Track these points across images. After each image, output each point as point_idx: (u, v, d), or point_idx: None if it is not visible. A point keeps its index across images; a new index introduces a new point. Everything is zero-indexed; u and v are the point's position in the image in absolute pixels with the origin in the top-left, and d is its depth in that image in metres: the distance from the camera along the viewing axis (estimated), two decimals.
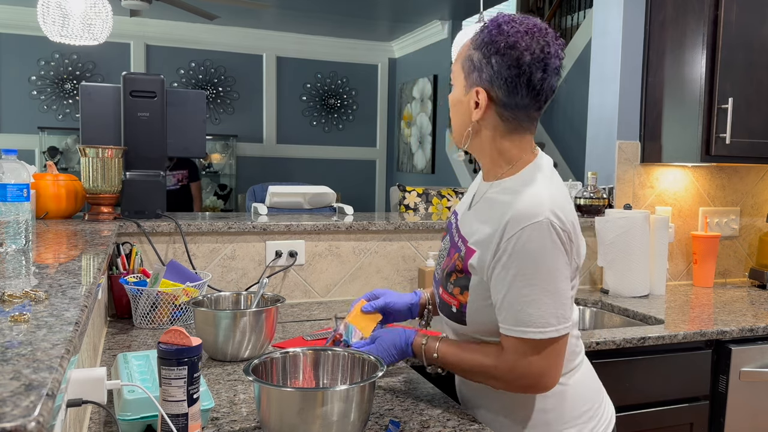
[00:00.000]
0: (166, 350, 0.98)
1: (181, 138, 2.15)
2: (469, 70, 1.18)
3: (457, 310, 1.21)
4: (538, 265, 1.09)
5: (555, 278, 1.10)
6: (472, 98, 1.18)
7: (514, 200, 1.14)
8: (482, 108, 1.17)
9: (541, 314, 1.09)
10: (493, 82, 1.15)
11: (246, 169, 6.98)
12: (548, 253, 1.09)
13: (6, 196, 1.31)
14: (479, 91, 1.17)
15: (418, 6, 5.84)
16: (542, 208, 1.10)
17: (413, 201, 3.20)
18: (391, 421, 1.15)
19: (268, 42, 6.95)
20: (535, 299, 1.09)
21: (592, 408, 1.25)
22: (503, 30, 1.14)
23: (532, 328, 1.09)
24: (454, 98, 1.24)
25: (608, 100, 2.57)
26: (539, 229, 1.09)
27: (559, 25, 6.91)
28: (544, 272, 1.09)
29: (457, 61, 1.22)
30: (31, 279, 1.02)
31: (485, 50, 1.15)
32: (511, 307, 1.11)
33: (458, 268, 1.21)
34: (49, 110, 6.31)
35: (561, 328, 1.10)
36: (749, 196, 2.72)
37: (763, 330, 1.95)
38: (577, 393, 1.23)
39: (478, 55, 1.16)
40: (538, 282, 1.09)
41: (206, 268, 2.05)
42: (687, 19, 2.35)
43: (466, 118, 1.21)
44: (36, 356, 0.63)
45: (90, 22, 2.11)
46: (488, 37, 1.15)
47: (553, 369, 1.13)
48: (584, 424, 1.22)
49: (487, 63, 1.15)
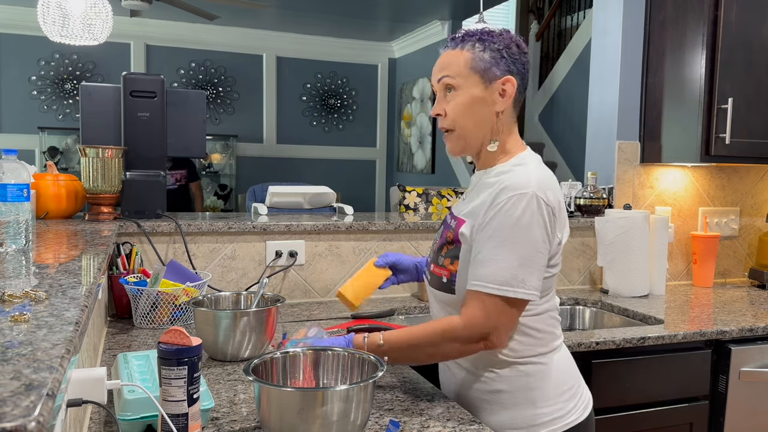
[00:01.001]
0: (166, 350, 0.98)
1: (181, 138, 2.15)
2: (484, 68, 1.25)
3: (447, 279, 1.28)
4: (514, 230, 1.17)
5: (527, 245, 1.17)
6: (497, 89, 1.26)
7: (506, 177, 1.23)
8: (510, 96, 1.26)
9: (503, 273, 1.16)
10: (512, 72, 1.26)
11: (246, 169, 6.98)
12: (526, 221, 1.17)
13: (6, 196, 1.31)
14: (509, 79, 1.25)
15: (418, 6, 5.84)
16: (530, 183, 1.19)
17: (413, 201, 3.20)
18: (391, 421, 1.15)
19: (268, 42, 6.95)
20: (501, 259, 1.17)
21: (573, 387, 1.32)
22: (490, 32, 1.27)
23: (491, 284, 1.17)
24: (470, 98, 1.26)
25: (608, 100, 2.57)
26: (523, 199, 1.17)
27: (559, 25, 6.91)
28: (517, 237, 1.17)
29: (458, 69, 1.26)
30: (32, 279, 1.02)
31: (494, 46, 1.25)
32: (480, 264, 1.19)
33: (449, 240, 1.29)
34: (49, 110, 6.31)
35: (519, 291, 1.17)
36: (749, 196, 2.73)
37: (762, 330, 1.96)
38: (560, 372, 1.30)
39: (489, 53, 1.25)
40: (510, 245, 1.17)
41: (206, 268, 2.05)
42: (687, 19, 2.35)
43: (488, 114, 1.27)
44: (36, 356, 0.63)
45: (90, 22, 2.11)
46: (489, 40, 1.26)
47: (503, 329, 1.20)
48: (566, 402, 1.29)
49: (500, 57, 1.25)
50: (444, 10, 5.95)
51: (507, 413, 1.27)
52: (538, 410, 1.27)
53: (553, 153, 6.28)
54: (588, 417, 1.34)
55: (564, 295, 2.32)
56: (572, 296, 2.32)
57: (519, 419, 1.27)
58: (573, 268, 2.49)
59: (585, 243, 2.50)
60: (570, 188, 2.59)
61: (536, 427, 1.26)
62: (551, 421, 1.27)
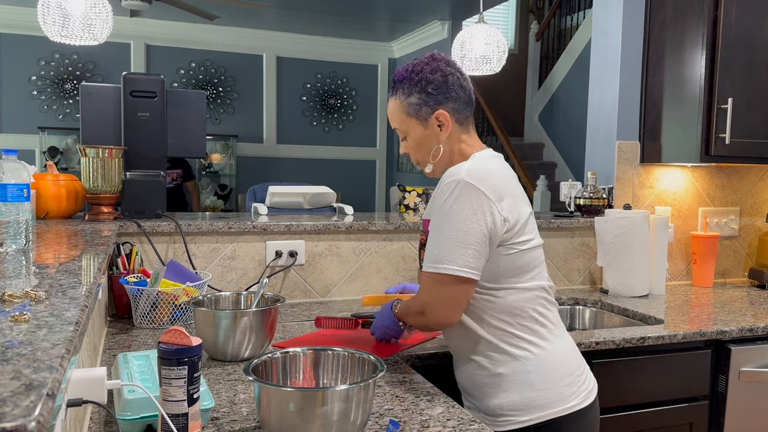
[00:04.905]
0: (166, 350, 0.98)
1: (181, 138, 2.15)
2: (416, 111, 1.39)
3: None
4: (442, 213, 1.30)
5: (454, 226, 1.28)
6: (434, 124, 1.39)
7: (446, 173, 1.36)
8: (448, 124, 1.38)
9: (434, 253, 1.30)
10: (440, 102, 1.38)
11: (246, 169, 6.98)
12: (451, 205, 1.28)
13: (6, 196, 1.31)
14: (440, 113, 1.38)
15: (418, 6, 5.84)
16: (460, 171, 1.31)
17: (413, 201, 3.20)
18: (391, 421, 1.15)
19: (268, 42, 6.95)
20: (435, 241, 1.31)
21: (574, 373, 1.37)
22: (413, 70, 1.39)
23: (429, 263, 1.31)
24: (417, 139, 1.41)
25: (608, 100, 2.57)
26: (451, 185, 1.29)
27: (559, 25, 6.91)
28: (446, 220, 1.29)
29: (399, 117, 1.42)
30: (32, 279, 1.02)
31: (416, 88, 1.38)
32: (428, 250, 1.33)
33: (423, 243, 1.42)
34: (50, 110, 6.31)
35: (448, 267, 1.27)
36: (749, 196, 2.73)
37: (762, 330, 1.96)
38: (560, 358, 1.36)
39: (414, 97, 1.38)
40: (441, 227, 1.30)
41: (206, 268, 2.05)
42: (687, 19, 2.35)
43: (436, 144, 1.41)
44: (36, 356, 0.63)
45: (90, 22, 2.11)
46: (409, 83, 1.39)
47: (436, 303, 1.31)
48: (566, 386, 1.34)
49: (427, 94, 1.38)
50: (444, 10, 5.95)
51: (506, 395, 1.33)
52: (537, 392, 1.32)
53: (553, 153, 6.28)
54: (591, 405, 1.38)
55: (564, 295, 2.32)
56: (572, 296, 2.32)
57: (518, 401, 1.32)
58: (573, 268, 2.49)
59: (585, 243, 2.50)
60: (570, 188, 2.59)
61: (535, 408, 1.32)
62: (550, 404, 1.32)
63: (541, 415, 1.32)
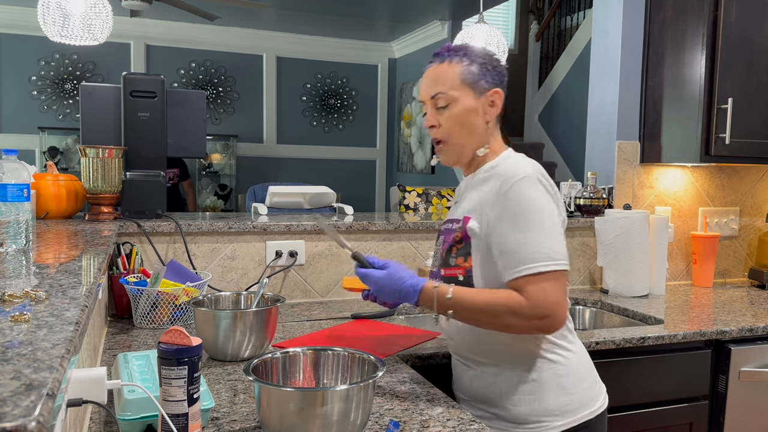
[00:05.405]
0: (166, 350, 0.98)
1: (181, 138, 2.15)
2: (474, 80, 1.34)
3: (464, 277, 1.32)
4: (531, 211, 1.23)
5: (548, 220, 1.24)
6: (487, 101, 1.34)
7: (498, 170, 1.32)
8: (498, 106, 1.35)
9: (543, 250, 1.22)
10: (497, 84, 1.35)
11: (246, 169, 6.98)
12: (539, 199, 1.24)
13: (6, 196, 1.31)
14: (497, 91, 1.35)
15: (418, 6, 5.84)
16: (526, 167, 1.28)
17: (413, 201, 3.20)
18: (391, 421, 1.15)
19: (268, 42, 6.95)
20: (534, 239, 1.22)
21: (593, 373, 1.39)
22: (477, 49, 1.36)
23: (538, 263, 1.21)
24: (463, 110, 1.34)
25: (608, 100, 2.57)
26: (528, 182, 1.25)
27: (559, 25, 6.91)
28: (537, 216, 1.23)
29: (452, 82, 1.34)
30: (32, 279, 1.02)
31: (481, 60, 1.34)
32: (517, 252, 1.23)
33: (458, 239, 1.33)
34: (50, 110, 6.31)
35: (561, 263, 1.23)
36: (749, 196, 2.73)
37: (762, 330, 1.96)
38: (582, 362, 1.36)
39: (476, 67, 1.34)
40: (535, 224, 1.23)
41: (206, 268, 2.05)
42: (687, 19, 2.35)
43: (479, 124, 1.35)
44: (36, 356, 0.63)
45: (90, 22, 2.11)
46: (473, 54, 1.35)
47: (563, 301, 1.23)
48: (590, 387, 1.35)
49: (487, 70, 1.34)
50: (444, 10, 5.95)
51: (539, 402, 1.30)
52: (570, 396, 1.30)
53: (553, 153, 6.27)
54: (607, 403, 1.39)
55: None
56: (572, 296, 2.32)
57: (553, 407, 1.30)
58: (573, 268, 2.49)
59: (585, 243, 2.50)
60: (570, 188, 2.59)
61: (570, 412, 1.30)
62: (581, 407, 1.31)
63: (574, 419, 1.30)
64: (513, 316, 1.22)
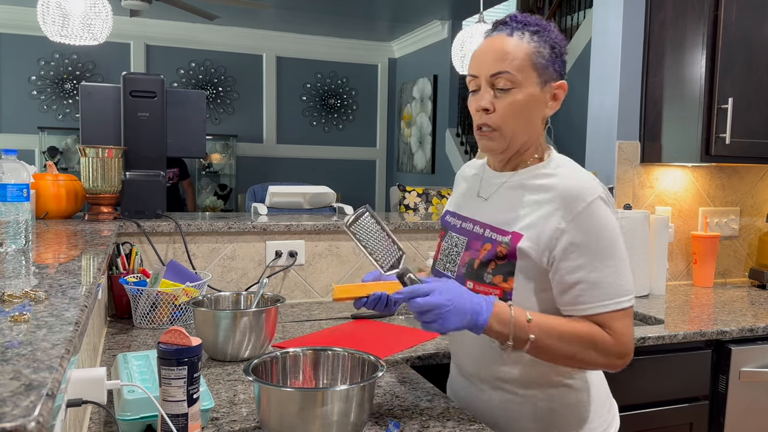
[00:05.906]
0: (166, 350, 0.98)
1: (181, 138, 2.15)
2: (543, 66, 1.17)
3: (500, 299, 1.16)
4: (611, 238, 1.12)
5: (622, 248, 1.14)
6: (550, 92, 1.19)
7: (559, 183, 1.16)
8: (560, 101, 1.20)
9: (624, 283, 1.13)
10: (562, 75, 1.20)
11: (246, 169, 6.98)
12: (614, 224, 1.13)
13: (6, 196, 1.31)
14: (563, 84, 1.20)
15: (418, 6, 5.84)
16: (594, 185, 1.15)
17: (413, 201, 3.20)
18: (391, 421, 1.15)
19: (268, 42, 6.95)
20: (617, 271, 1.12)
21: (609, 393, 1.33)
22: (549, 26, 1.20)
23: (623, 297, 1.12)
24: (526, 97, 1.16)
25: (608, 100, 2.57)
26: (600, 205, 1.12)
27: (559, 25, 6.90)
28: (617, 244, 1.13)
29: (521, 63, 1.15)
30: (31, 279, 1.02)
31: (553, 44, 1.18)
32: (600, 284, 1.11)
33: (501, 255, 1.17)
34: (49, 110, 6.31)
35: (633, 296, 1.14)
36: (749, 196, 2.72)
37: (763, 330, 1.95)
38: (598, 381, 1.29)
39: (548, 51, 1.17)
40: (616, 254, 1.12)
41: (206, 268, 2.05)
42: (687, 19, 2.35)
43: (538, 117, 1.20)
44: (36, 356, 0.63)
45: (90, 22, 2.11)
46: (547, 36, 1.18)
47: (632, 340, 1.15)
48: (609, 410, 1.30)
49: (557, 56, 1.18)
50: (444, 10, 5.95)
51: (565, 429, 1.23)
52: (592, 423, 1.25)
53: None
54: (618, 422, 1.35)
55: None
56: None
57: None
58: None
59: None
60: None
61: None
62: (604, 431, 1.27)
63: None
64: (594, 350, 1.11)
